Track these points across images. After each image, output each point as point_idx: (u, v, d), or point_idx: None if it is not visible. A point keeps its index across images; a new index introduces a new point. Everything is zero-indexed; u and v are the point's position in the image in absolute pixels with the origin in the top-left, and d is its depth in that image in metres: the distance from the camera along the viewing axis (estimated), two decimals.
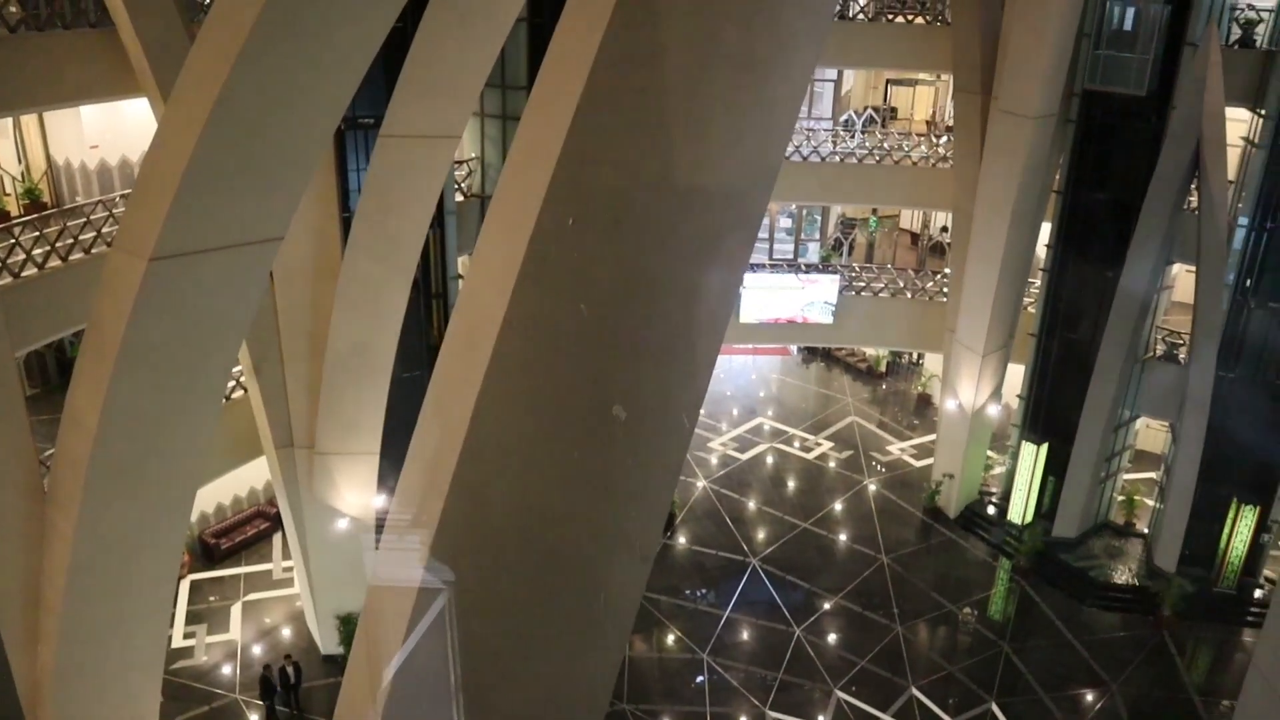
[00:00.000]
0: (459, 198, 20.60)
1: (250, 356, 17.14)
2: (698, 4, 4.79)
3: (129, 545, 11.53)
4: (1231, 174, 20.96)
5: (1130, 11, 20.34)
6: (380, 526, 18.77)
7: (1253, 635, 21.60)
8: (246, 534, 22.69)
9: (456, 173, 20.45)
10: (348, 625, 19.14)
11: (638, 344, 5.00)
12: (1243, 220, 20.55)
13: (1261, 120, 20.15)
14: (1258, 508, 21.51)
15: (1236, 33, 21.13)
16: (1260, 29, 20.90)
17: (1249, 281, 20.73)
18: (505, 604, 5.24)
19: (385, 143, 15.82)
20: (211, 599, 21.11)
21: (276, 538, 22.72)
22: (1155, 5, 20.06)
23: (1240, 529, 21.73)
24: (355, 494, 18.41)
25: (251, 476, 23.10)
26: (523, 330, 4.79)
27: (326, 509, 18.45)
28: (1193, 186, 20.55)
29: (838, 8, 24.27)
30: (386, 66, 15.57)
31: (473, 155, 21.46)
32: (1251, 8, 21.11)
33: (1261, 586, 22.40)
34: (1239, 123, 21.17)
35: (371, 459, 18.26)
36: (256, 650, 19.77)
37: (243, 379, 18.71)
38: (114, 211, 16.36)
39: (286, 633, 20.32)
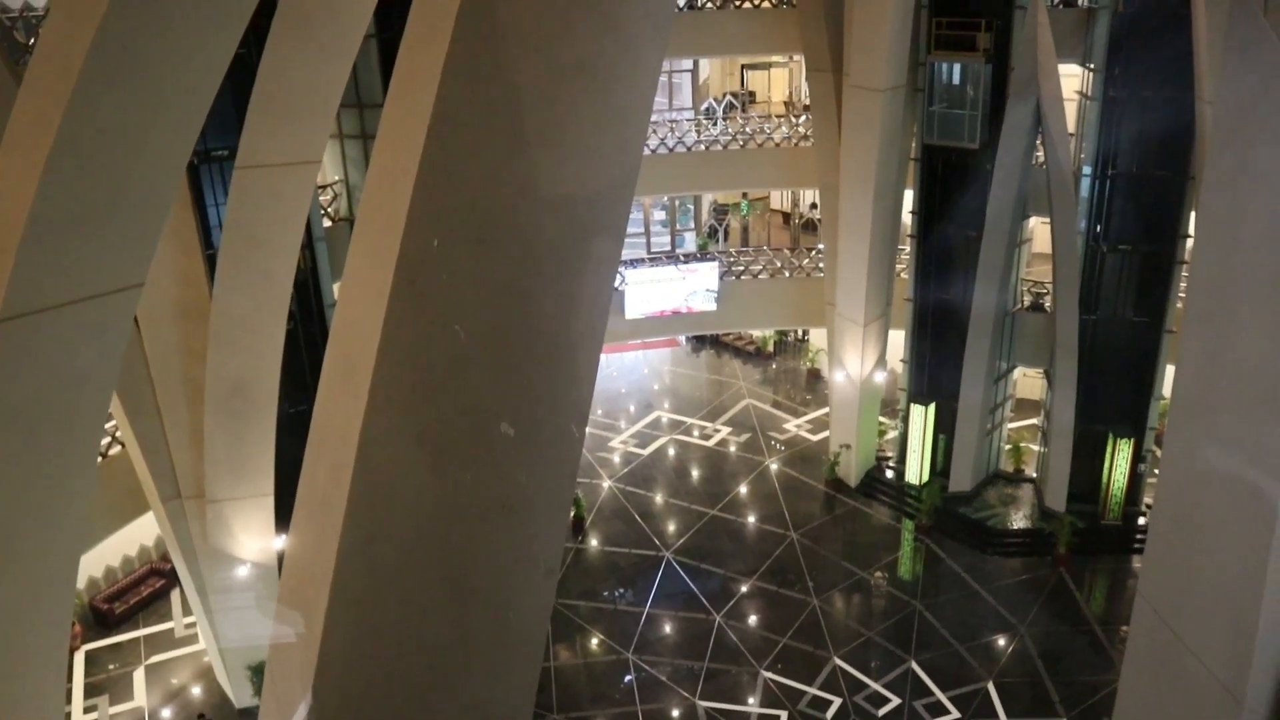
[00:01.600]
0: (326, 223, 20.19)
1: (123, 408, 16.49)
2: (537, 16, 4.80)
3: (9, 627, 10.95)
4: (1071, 127, 21.92)
5: None
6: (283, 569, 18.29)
7: (1140, 561, 22.71)
8: (141, 594, 21.80)
9: (321, 197, 20.02)
10: (260, 675, 18.58)
11: (517, 358, 4.99)
12: (1086, 169, 21.54)
13: (1091, 74, 21.15)
14: (1132, 440, 22.60)
15: None
16: None
17: (1099, 227, 21.74)
18: (415, 636, 5.17)
19: (242, 174, 15.37)
20: (111, 667, 20.24)
21: (174, 594, 21.91)
22: None
23: (1119, 462, 22.80)
24: (253, 539, 17.89)
25: (140, 534, 22.23)
26: (399, 358, 4.73)
27: (225, 558, 17.88)
28: (1038, 142, 21.43)
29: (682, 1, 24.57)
30: (235, 95, 15.17)
31: (336, 178, 21.05)
32: None
33: (1143, 514, 23.55)
34: (1074, 77, 22.19)
35: (265, 500, 17.78)
36: (166, 715, 19.05)
37: (118, 433, 18.00)
38: None
39: (197, 691, 19.64)
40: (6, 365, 9.54)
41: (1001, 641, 20.42)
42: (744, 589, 22.18)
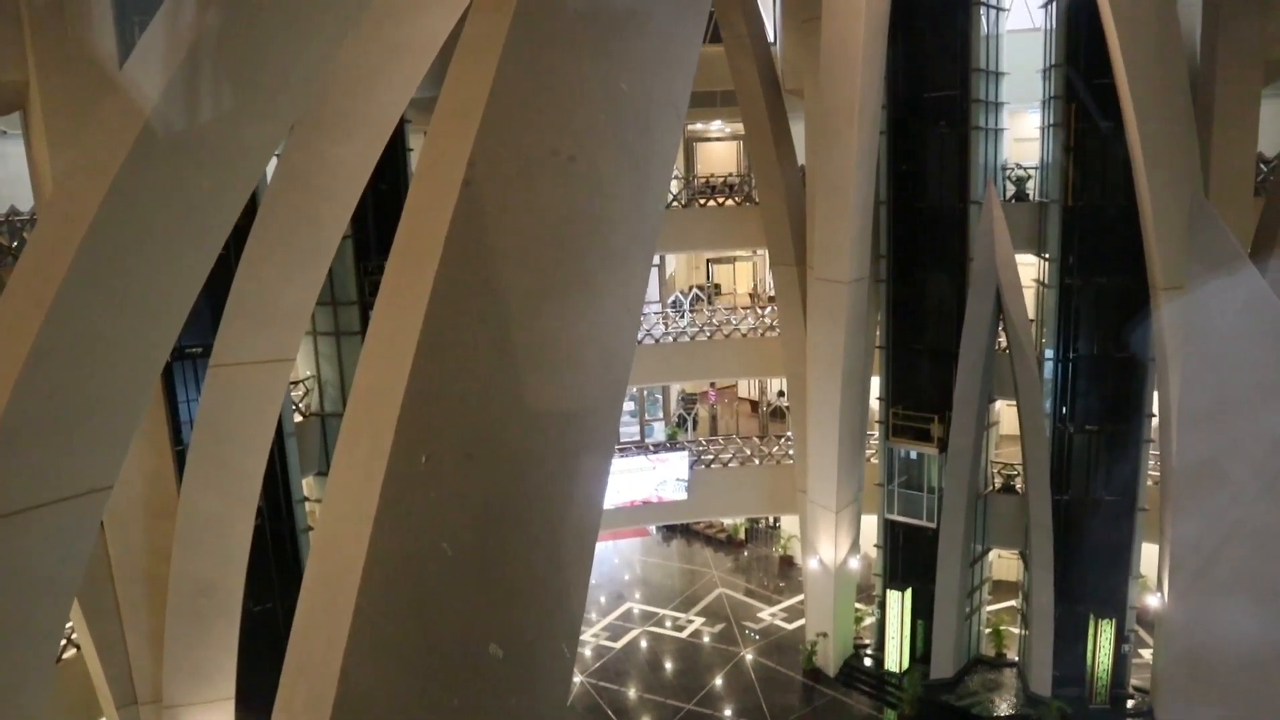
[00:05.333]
0: (298, 418, 20.13)
1: (81, 611, 15.91)
2: (527, 233, 4.95)
3: None
4: (1031, 313, 22.62)
5: None
6: None
7: None
8: None
9: (293, 393, 20.04)
10: None
11: (506, 578, 4.90)
12: (1049, 353, 22.10)
13: (1047, 263, 22.01)
14: (1114, 620, 22.31)
15: (1011, 189, 23.28)
16: (1030, 184, 23.10)
17: (1064, 409, 22.13)
18: None
19: (216, 372, 15.42)
20: None
21: None
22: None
23: (1102, 643, 22.42)
24: None
25: None
26: (385, 577, 4.63)
27: None
28: (1000, 328, 22.04)
29: None
30: (210, 293, 15.33)
31: (308, 374, 21.13)
32: (1019, 166, 23.33)
33: (1132, 697, 23.01)
34: (1031, 266, 23.07)
35: (226, 704, 16.99)
36: None
37: (74, 635, 17.30)
38: None
39: None
40: None
41: None
42: None
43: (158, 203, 8.79)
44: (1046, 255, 22.03)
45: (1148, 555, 22.88)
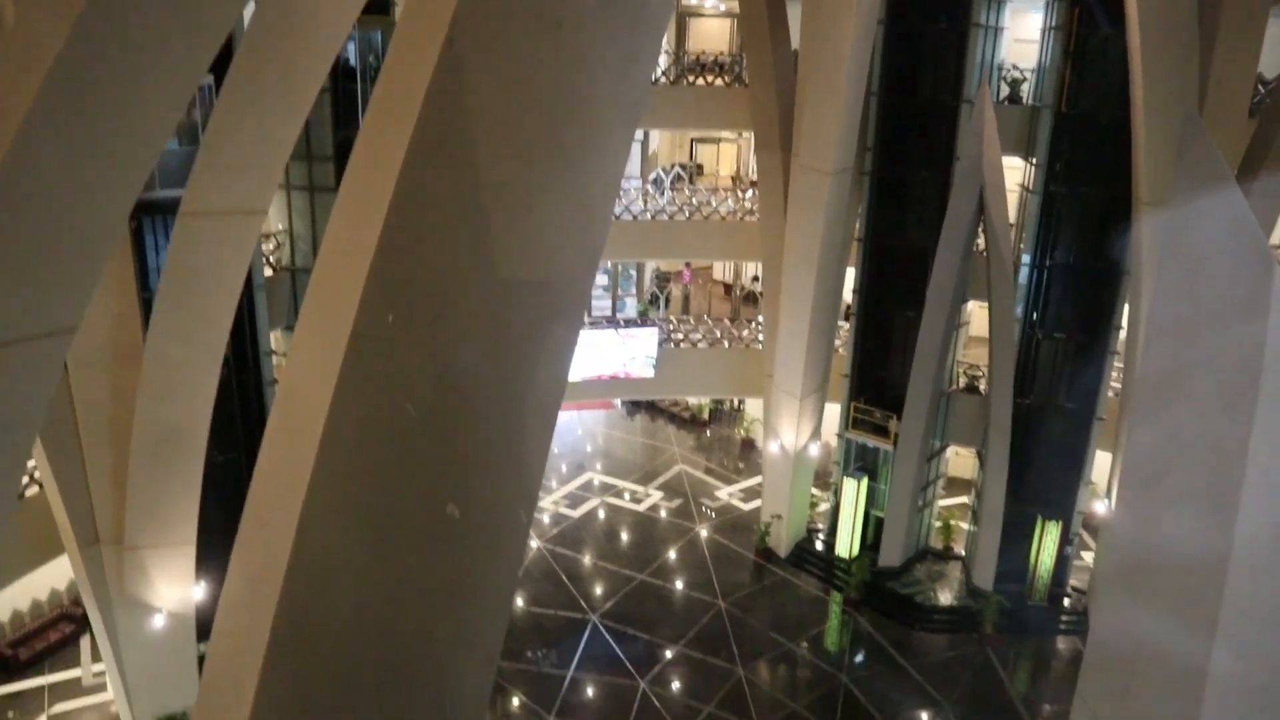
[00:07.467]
0: (268, 271, 19.94)
1: (45, 450, 15.97)
2: (507, 98, 4.83)
3: None
4: (1012, 217, 22.58)
5: None
6: (201, 620, 17.75)
7: (1065, 642, 23.05)
8: (49, 640, 20.93)
9: (264, 246, 19.79)
10: None
11: (467, 441, 4.93)
12: (1026, 259, 22.16)
13: (1034, 168, 21.86)
14: (1060, 523, 23.00)
15: (1005, 90, 22.92)
16: (1025, 87, 22.76)
17: (1035, 315, 22.32)
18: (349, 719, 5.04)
19: (186, 220, 15.16)
20: (10, 716, 19.35)
21: (84, 640, 21.06)
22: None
23: (1047, 544, 23.15)
24: (172, 588, 17.34)
25: (52, 577, 21.42)
26: (346, 434, 4.65)
27: (140, 606, 17.29)
28: (980, 230, 22.02)
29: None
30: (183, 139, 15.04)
31: (280, 228, 20.84)
32: (1016, 68, 22.94)
33: (1069, 596, 23.90)
34: (1016, 169, 22.92)
35: (188, 549, 17.27)
36: None
37: (36, 473, 17.40)
38: None
39: None
40: None
41: (925, 717, 20.43)
42: (669, 655, 21.97)
43: (123, 41, 8.47)
44: (1034, 160, 21.88)
45: (1100, 463, 23.47)
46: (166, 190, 16.00)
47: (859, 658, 22.34)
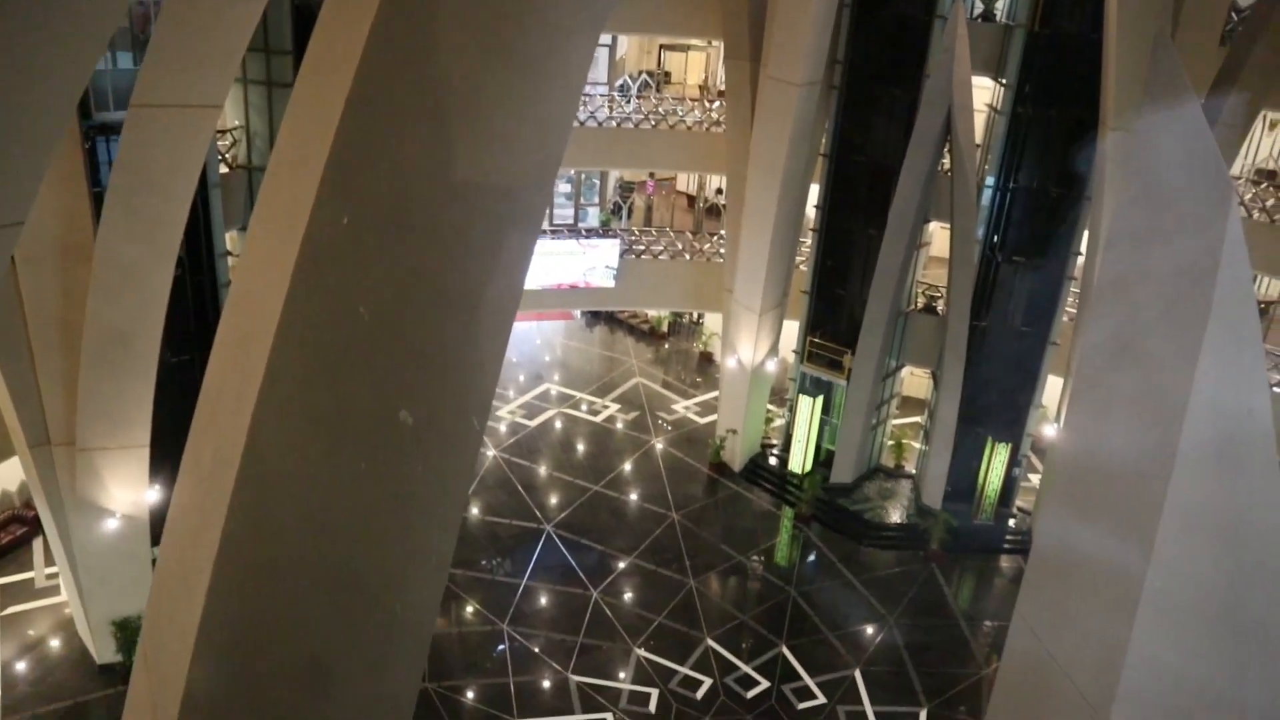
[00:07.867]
0: (223, 169, 19.47)
1: None
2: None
3: None
4: (979, 138, 22.52)
5: None
6: (155, 523, 17.71)
7: (1009, 561, 23.72)
8: (1, 542, 20.86)
9: (220, 143, 19.28)
10: (124, 631, 17.97)
11: (421, 346, 4.87)
12: (990, 180, 22.16)
13: (1003, 88, 21.72)
14: (1009, 445, 23.47)
15: (980, 8, 22.65)
16: (999, 5, 22.49)
17: (996, 237, 22.42)
18: (299, 627, 5.04)
19: (137, 113, 14.67)
20: None
21: (37, 543, 20.99)
22: None
23: (995, 465, 23.66)
24: (125, 491, 17.25)
25: (3, 479, 21.24)
26: (299, 337, 4.58)
27: (93, 509, 17.20)
28: (945, 150, 21.95)
29: None
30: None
31: (236, 124, 20.29)
32: None
33: (1015, 516, 24.52)
34: (985, 90, 22.77)
35: (141, 452, 17.14)
36: (21, 667, 18.28)
37: None
38: None
39: (55, 644, 18.91)
40: None
41: (870, 631, 21.04)
42: (622, 566, 22.35)
43: None
44: (1003, 80, 21.72)
45: (1052, 387, 23.88)
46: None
47: (808, 571, 22.86)
